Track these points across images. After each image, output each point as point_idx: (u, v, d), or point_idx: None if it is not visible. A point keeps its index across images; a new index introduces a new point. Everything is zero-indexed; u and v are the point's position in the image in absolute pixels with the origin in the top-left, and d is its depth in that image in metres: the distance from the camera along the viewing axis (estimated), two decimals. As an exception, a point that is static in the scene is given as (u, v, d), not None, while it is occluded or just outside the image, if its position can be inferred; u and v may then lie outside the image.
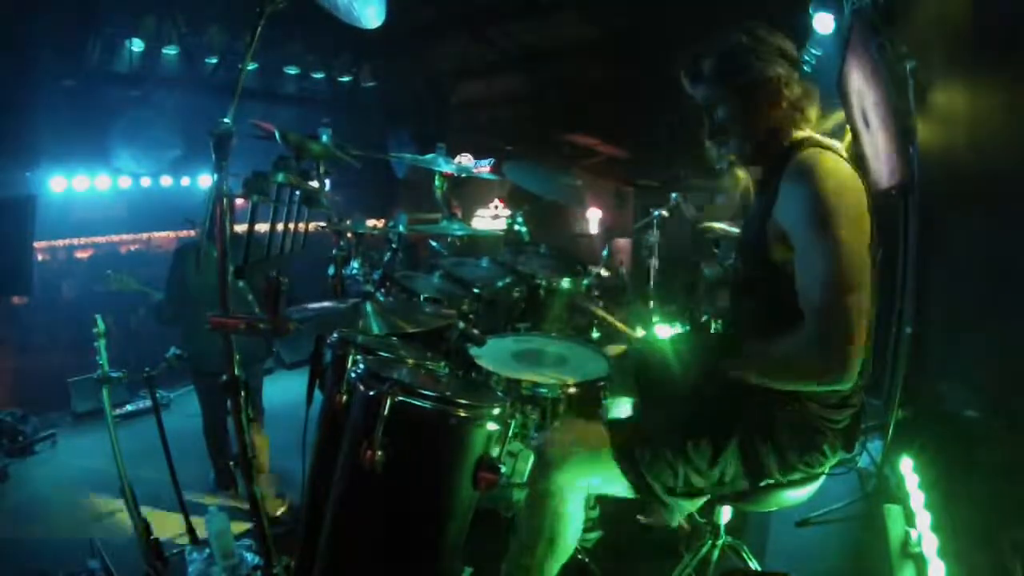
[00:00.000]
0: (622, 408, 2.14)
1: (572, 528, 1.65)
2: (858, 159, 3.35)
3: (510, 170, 3.26)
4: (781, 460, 1.52)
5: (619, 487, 1.61)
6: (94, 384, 2.41)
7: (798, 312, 1.37)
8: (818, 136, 1.55)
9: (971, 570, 1.95)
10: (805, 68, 3.73)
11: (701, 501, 1.63)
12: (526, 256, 3.11)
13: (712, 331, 2.63)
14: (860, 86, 3.02)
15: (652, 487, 1.55)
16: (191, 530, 2.56)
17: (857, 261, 1.34)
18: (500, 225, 4.45)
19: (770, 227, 1.46)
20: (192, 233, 3.69)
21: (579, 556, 2.04)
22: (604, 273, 3.16)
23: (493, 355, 2.12)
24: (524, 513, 1.66)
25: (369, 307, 1.80)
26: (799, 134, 1.54)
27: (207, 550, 2.36)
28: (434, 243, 3.14)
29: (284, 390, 5.23)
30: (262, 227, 1.52)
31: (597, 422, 1.87)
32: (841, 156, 1.48)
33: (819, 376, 1.36)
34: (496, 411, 1.55)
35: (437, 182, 2.73)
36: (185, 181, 7.12)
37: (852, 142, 3.23)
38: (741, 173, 1.71)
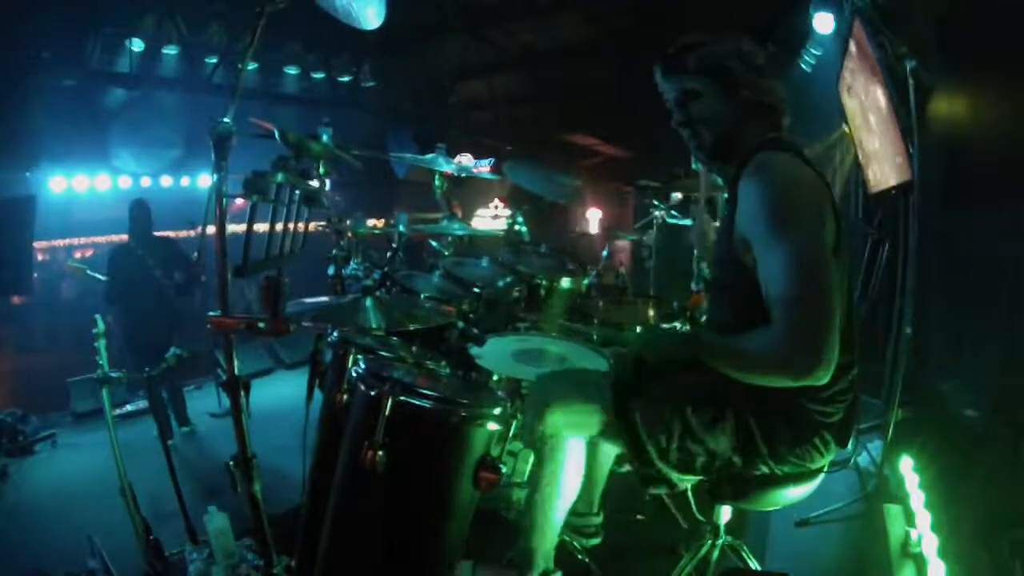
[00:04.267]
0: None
1: (571, 466, 1.69)
2: (857, 160, 3.36)
3: (510, 170, 3.25)
4: (771, 448, 1.52)
5: (611, 441, 1.63)
6: (94, 384, 2.41)
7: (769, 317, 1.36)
8: (783, 137, 1.55)
9: (971, 570, 1.95)
10: (804, 67, 3.74)
11: (692, 479, 1.62)
12: (526, 256, 3.11)
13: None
14: (860, 86, 3.02)
15: (644, 445, 1.54)
16: (191, 530, 2.56)
17: (814, 256, 1.33)
18: (500, 225, 4.45)
19: (736, 233, 1.47)
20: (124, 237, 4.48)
21: (580, 557, 2.04)
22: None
23: (493, 355, 2.11)
24: (532, 469, 1.73)
25: (368, 303, 1.80)
26: (763, 137, 1.54)
27: (207, 550, 2.35)
28: (434, 243, 3.14)
29: (284, 390, 5.24)
30: (262, 227, 1.51)
31: (594, 373, 1.86)
32: (800, 157, 1.48)
33: (790, 369, 1.32)
34: (497, 411, 1.55)
35: (437, 182, 2.73)
36: (185, 181, 7.13)
37: (851, 142, 3.23)
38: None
